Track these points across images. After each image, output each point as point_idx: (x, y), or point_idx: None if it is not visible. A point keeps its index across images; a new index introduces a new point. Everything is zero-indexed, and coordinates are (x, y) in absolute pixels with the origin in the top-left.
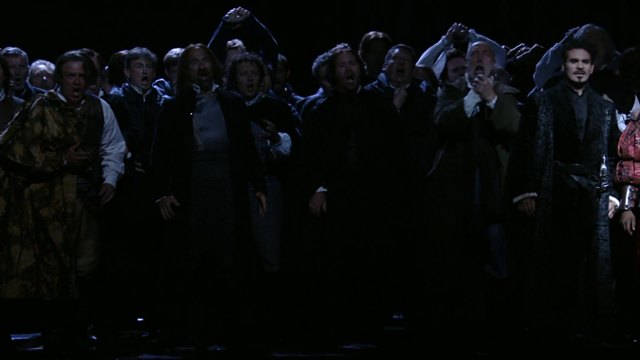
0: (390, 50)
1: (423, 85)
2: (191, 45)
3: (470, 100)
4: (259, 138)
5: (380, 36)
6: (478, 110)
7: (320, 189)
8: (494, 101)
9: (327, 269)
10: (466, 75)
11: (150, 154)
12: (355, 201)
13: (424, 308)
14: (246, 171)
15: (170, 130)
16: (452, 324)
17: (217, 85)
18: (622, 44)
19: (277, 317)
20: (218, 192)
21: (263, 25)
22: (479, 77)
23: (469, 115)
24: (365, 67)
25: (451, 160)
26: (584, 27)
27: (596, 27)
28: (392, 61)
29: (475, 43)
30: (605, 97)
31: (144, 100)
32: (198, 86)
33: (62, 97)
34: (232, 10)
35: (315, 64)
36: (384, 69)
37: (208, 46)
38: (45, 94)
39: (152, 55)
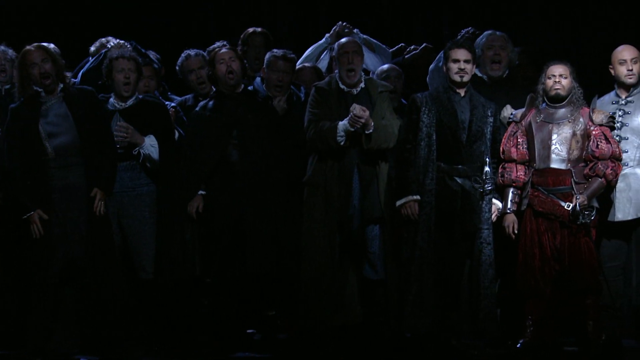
0: (269, 58)
1: (302, 91)
2: (27, 47)
3: (343, 131)
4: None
5: (259, 30)
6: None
7: (200, 191)
8: (371, 129)
9: (207, 272)
10: (336, 73)
11: (6, 167)
12: (237, 201)
13: (304, 314)
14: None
15: (19, 139)
16: (332, 329)
17: (62, 85)
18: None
19: (153, 325)
20: (75, 197)
21: (144, 51)
22: (355, 116)
23: (341, 144)
24: (246, 63)
25: (324, 166)
26: (485, 33)
27: (498, 33)
28: (270, 73)
29: (343, 40)
30: (508, 106)
31: (3, 93)
32: (42, 89)
33: None
34: (115, 44)
35: (178, 61)
36: (260, 75)
37: (81, 74)
38: None
39: (10, 51)
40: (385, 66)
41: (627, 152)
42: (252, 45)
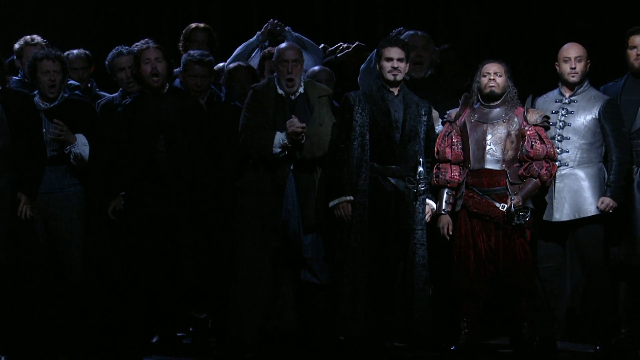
0: (185, 61)
1: (222, 91)
2: None
3: (280, 143)
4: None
5: (202, 26)
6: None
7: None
8: (303, 140)
9: (133, 277)
10: (275, 76)
11: None
12: (165, 205)
13: (236, 318)
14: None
15: None
16: (266, 335)
17: (1, 87)
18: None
19: (81, 328)
20: (2, 201)
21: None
22: (295, 130)
23: (277, 157)
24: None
25: (257, 172)
26: (407, 33)
27: (420, 33)
28: (188, 78)
29: (283, 47)
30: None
31: None
32: None
33: None
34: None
35: (108, 57)
36: (180, 78)
37: None
38: None
39: None
40: (316, 68)
41: (567, 152)
42: (195, 41)
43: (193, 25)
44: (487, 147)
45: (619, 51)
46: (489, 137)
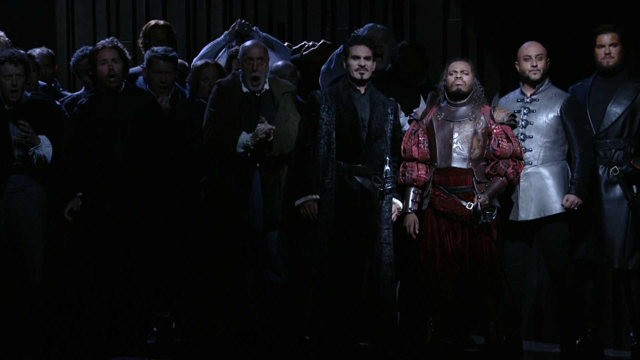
0: (149, 57)
1: (187, 88)
2: None
3: (244, 143)
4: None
5: (162, 23)
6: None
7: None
8: (271, 137)
9: (92, 277)
10: (240, 73)
11: None
12: (123, 205)
13: (200, 317)
14: None
15: None
16: (231, 335)
17: None
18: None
19: (43, 329)
20: None
21: None
22: (262, 138)
23: (240, 157)
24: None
25: (223, 169)
26: (366, 26)
27: (379, 26)
28: (152, 74)
29: (249, 45)
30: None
31: None
32: None
33: None
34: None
35: (73, 58)
36: (143, 75)
37: None
38: None
39: None
40: (279, 63)
41: (531, 150)
42: (154, 39)
43: (152, 22)
44: (454, 146)
45: (587, 50)
46: (455, 135)
